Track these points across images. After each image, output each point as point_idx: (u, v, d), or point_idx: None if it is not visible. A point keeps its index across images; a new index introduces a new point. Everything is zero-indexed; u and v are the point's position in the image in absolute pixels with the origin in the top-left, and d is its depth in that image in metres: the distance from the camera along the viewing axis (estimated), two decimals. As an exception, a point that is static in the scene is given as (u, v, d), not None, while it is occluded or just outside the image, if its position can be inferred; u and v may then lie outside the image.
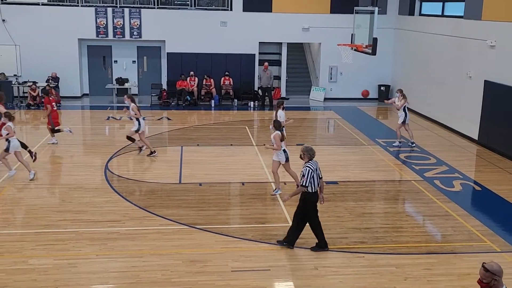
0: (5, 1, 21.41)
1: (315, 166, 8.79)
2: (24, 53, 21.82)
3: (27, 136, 17.35)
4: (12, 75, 21.61)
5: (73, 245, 8.89)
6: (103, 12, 22.03)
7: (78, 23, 21.89)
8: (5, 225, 9.74)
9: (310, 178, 8.60)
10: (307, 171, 8.63)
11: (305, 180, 8.60)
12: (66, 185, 12.03)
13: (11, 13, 21.46)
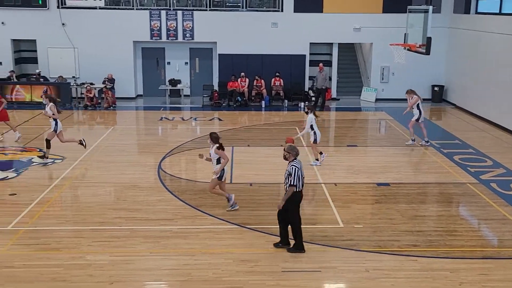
0: (64, 6, 22.21)
1: (300, 165, 8.76)
2: (82, 56, 22.58)
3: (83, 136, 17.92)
4: (71, 77, 22.40)
5: (128, 242, 9.14)
6: (157, 15, 22.52)
7: (133, 26, 22.47)
8: (63, 222, 10.11)
9: (296, 176, 8.57)
10: (293, 170, 8.60)
11: (293, 179, 8.57)
12: (120, 183, 12.36)
13: (71, 17, 22.25)
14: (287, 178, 8.67)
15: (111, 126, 18.63)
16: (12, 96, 21.45)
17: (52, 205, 10.98)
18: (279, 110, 21.86)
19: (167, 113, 20.97)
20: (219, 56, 22.99)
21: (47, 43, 22.39)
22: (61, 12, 22.12)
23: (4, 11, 21.97)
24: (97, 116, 20.43)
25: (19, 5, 21.90)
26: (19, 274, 7.99)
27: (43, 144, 15.85)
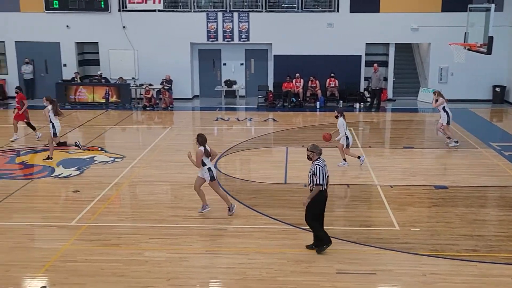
0: (125, 9, 22.90)
1: (324, 164, 8.72)
2: (141, 57, 23.22)
3: (142, 136, 18.47)
4: (131, 78, 23.08)
5: (184, 240, 9.36)
6: (214, 17, 22.86)
7: (190, 28, 22.90)
8: (122, 219, 10.45)
9: (321, 175, 8.53)
10: (318, 169, 8.56)
11: (318, 178, 8.53)
12: (177, 182, 12.63)
13: (131, 20, 22.93)
14: (312, 177, 8.63)
15: (168, 126, 19.07)
16: (76, 96, 22.31)
17: (112, 202, 11.37)
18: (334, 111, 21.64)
19: (223, 113, 21.25)
20: (274, 57, 23.09)
21: (109, 45, 23.16)
22: (122, 15, 22.83)
23: (69, 15, 22.87)
24: (155, 116, 20.96)
25: (83, 9, 22.75)
26: (81, 268, 8.33)
27: (103, 143, 16.45)
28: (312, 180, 8.63)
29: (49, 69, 23.57)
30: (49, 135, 14.50)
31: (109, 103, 22.19)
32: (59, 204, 11.41)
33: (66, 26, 22.98)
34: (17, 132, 16.87)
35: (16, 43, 23.29)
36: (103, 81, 22.80)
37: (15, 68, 23.51)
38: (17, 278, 8.07)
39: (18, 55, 23.37)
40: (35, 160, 14.39)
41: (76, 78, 22.77)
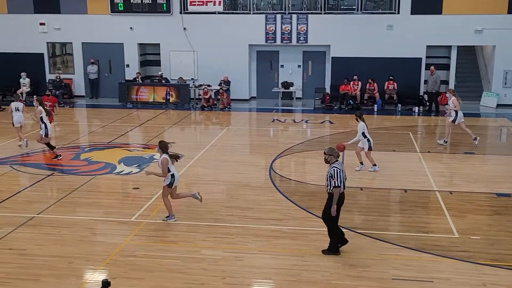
0: (186, 11, 23.39)
1: (341, 167, 8.76)
2: (200, 59, 23.64)
3: (200, 136, 18.81)
4: (190, 78, 23.55)
5: (240, 240, 9.49)
6: (273, 19, 22.99)
7: (249, 29, 23.13)
8: (180, 217, 10.67)
9: (339, 178, 8.56)
10: (335, 172, 8.60)
11: (336, 180, 8.56)
12: (233, 182, 12.81)
13: (191, 22, 23.39)
14: (329, 180, 8.67)
15: (225, 127, 19.34)
16: (137, 96, 22.97)
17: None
18: (392, 114, 21.38)
19: (279, 115, 21.33)
20: (332, 59, 22.97)
21: (170, 46, 23.72)
22: (183, 17, 23.33)
23: (133, 17, 23.59)
24: (213, 117, 21.29)
25: (146, 11, 23.41)
26: (140, 263, 8.60)
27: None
28: (330, 183, 8.67)
29: (112, 69, 24.41)
30: (39, 135, 14.69)
31: (169, 103, 22.72)
32: (120, 200, 11.79)
33: (130, 28, 23.70)
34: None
35: (83, 44, 24.23)
36: (164, 81, 23.36)
37: (81, 68, 24.47)
38: (79, 270, 8.43)
39: (84, 55, 24.31)
40: (99, 157, 14.92)
41: (138, 78, 23.44)
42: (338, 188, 8.61)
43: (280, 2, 23.66)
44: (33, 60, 24.22)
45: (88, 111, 22.92)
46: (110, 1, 23.47)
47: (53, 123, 15.58)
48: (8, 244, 9.22)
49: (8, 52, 24.16)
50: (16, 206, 11.02)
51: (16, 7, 24.04)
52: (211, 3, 23.29)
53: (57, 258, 8.72)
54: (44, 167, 13.94)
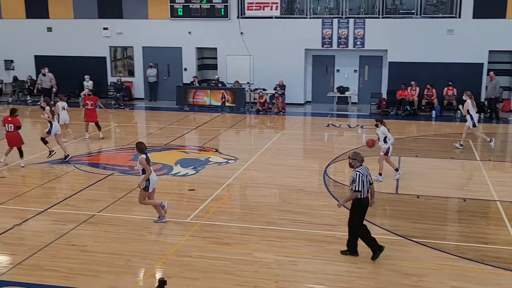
0: (244, 16, 23.64)
1: (365, 171, 8.77)
2: (256, 63, 23.82)
3: (254, 139, 18.95)
4: (246, 82, 23.77)
5: (293, 244, 9.50)
6: (329, 23, 22.89)
7: (305, 34, 23.11)
8: (234, 219, 10.82)
9: (360, 182, 8.58)
10: (357, 176, 8.66)
11: (356, 185, 8.62)
12: (286, 186, 12.83)
13: (248, 26, 23.62)
14: (352, 184, 8.73)
15: (280, 131, 19.41)
16: (194, 99, 23.39)
17: (225, 202, 11.82)
18: (451, 120, 20.82)
19: (334, 119, 21.20)
20: (389, 64, 22.63)
21: (226, 50, 24.03)
22: (240, 22, 23.58)
23: (191, 21, 24.06)
24: (268, 121, 21.41)
25: (204, 16, 23.82)
26: (195, 263, 8.76)
27: (217, 145, 17.08)
28: (352, 187, 8.76)
29: (171, 73, 24.96)
30: (43, 132, 15.32)
31: (225, 106, 23.01)
32: (176, 201, 12.02)
33: (188, 32, 24.16)
34: (88, 131, 17.81)
35: (143, 48, 24.92)
36: (220, 85, 23.69)
37: (141, 71, 25.16)
38: (136, 268, 8.68)
39: (144, 59, 24.98)
40: (156, 158, 15.28)
41: (195, 81, 23.86)
42: (357, 193, 8.65)
43: (337, 7, 23.55)
44: (96, 64, 25.12)
45: (146, 113, 23.53)
46: (170, 6, 24.02)
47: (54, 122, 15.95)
48: (71, 240, 9.61)
49: (74, 55, 25.14)
50: (78, 204, 11.46)
51: (82, 13, 25.00)
52: (268, 8, 23.45)
53: (116, 256, 9.02)
54: (104, 167, 14.41)
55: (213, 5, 23.64)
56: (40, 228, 10.28)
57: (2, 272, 8.45)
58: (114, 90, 24.28)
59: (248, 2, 23.56)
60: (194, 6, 23.82)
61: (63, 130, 16.70)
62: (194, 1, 23.76)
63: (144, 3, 24.39)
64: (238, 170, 14.01)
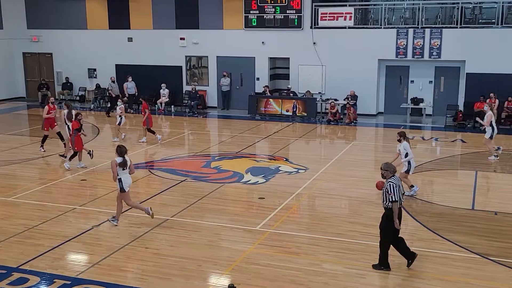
0: (317, 26, 23.67)
1: (398, 181, 8.75)
2: (328, 73, 23.74)
3: (325, 149, 18.88)
4: (317, 92, 23.75)
5: (362, 256, 9.39)
6: (404, 33, 22.47)
7: (379, 44, 22.82)
8: (303, 229, 10.83)
9: (397, 192, 8.53)
10: (391, 187, 8.61)
11: (393, 195, 8.55)
12: (357, 198, 12.70)
13: (321, 36, 23.62)
14: (385, 195, 8.67)
15: (351, 141, 19.22)
16: (265, 108, 23.62)
17: (294, 211, 11.86)
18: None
19: (407, 131, 20.68)
20: (467, 75, 21.88)
21: (299, 60, 24.12)
22: (313, 32, 23.63)
23: (265, 32, 24.36)
24: (339, 131, 21.26)
25: (278, 26, 24.06)
26: (263, 272, 8.85)
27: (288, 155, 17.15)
28: (386, 198, 8.65)
29: (243, 82, 25.35)
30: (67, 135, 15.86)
31: (296, 116, 23.08)
32: (246, 208, 12.22)
33: (262, 43, 24.48)
34: (146, 135, 18.54)
35: (217, 57, 25.48)
36: (291, 94, 23.79)
37: (214, 81, 25.73)
38: (206, 274, 8.88)
39: (218, 68, 25.53)
40: (228, 166, 15.58)
41: (266, 91, 24.10)
42: (396, 203, 8.58)
43: (412, 16, 23.09)
44: (172, 72, 25.95)
45: (219, 121, 24.01)
46: (245, 17, 24.45)
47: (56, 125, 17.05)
48: (145, 243, 9.98)
49: (152, 64, 26.12)
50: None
51: (160, 23, 25.95)
52: (341, 18, 23.35)
53: (187, 260, 9.27)
54: (178, 173, 14.84)
55: (286, 15, 23.84)
56: (116, 230, 10.75)
57: (81, 270, 8.91)
58: (188, 98, 24.96)
59: (321, 12, 23.57)
60: (268, 16, 24.13)
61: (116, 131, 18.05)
62: (268, 12, 24.07)
63: (219, 14, 24.98)
64: (308, 180, 14.02)
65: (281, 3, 23.84)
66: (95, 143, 18.66)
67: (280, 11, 23.91)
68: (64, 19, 27.44)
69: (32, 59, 28.85)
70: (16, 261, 9.22)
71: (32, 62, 28.89)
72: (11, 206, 12.08)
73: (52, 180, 14.09)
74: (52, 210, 11.75)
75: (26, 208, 11.98)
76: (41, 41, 28.17)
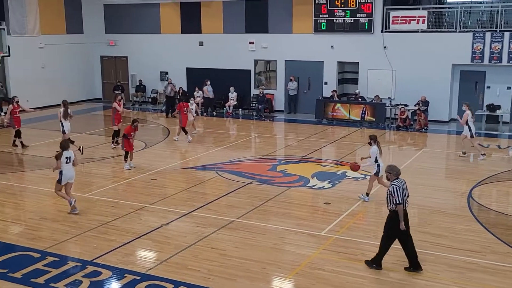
0: (388, 30, 23.24)
1: (402, 184, 8.81)
2: (399, 78, 23.24)
3: (393, 156, 18.47)
4: (386, 97, 23.30)
5: (431, 267, 9.12)
6: (481, 37, 21.63)
7: (453, 48, 22.07)
8: (369, 236, 10.65)
9: (400, 195, 8.61)
10: (394, 189, 8.68)
11: (397, 197, 8.63)
12: (426, 207, 12.33)
13: (392, 40, 23.17)
14: (389, 197, 8.75)
15: (421, 148, 18.71)
16: (333, 113, 23.42)
17: (360, 218, 11.70)
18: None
19: (482, 139, 19.92)
20: (549, 81, 20.79)
21: (368, 65, 23.76)
22: (384, 36, 23.22)
23: (334, 36, 24.17)
24: (408, 137, 20.75)
25: (347, 30, 23.82)
26: (328, 278, 8.79)
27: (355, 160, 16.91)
28: (390, 201, 8.75)
29: (311, 86, 25.27)
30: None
31: (364, 121, 22.75)
32: (311, 213, 12.17)
33: (331, 47, 24.32)
34: (179, 135, 19.26)
35: (286, 61, 25.54)
36: (360, 99, 23.47)
37: (282, 85, 25.80)
38: (270, 276, 8.93)
39: (286, 72, 25.59)
40: (293, 170, 15.58)
41: (334, 95, 23.90)
42: (401, 205, 8.64)
43: (490, 19, 22.19)
44: (241, 76, 26.25)
45: (286, 125, 24.05)
46: (314, 21, 24.38)
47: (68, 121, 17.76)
48: (211, 243, 10.16)
49: (222, 68, 26.55)
50: (219, 209, 12.07)
51: (231, 28, 26.33)
52: (414, 22, 22.80)
53: (252, 262, 9.36)
54: (244, 175, 15.00)
55: (357, 19, 23.56)
56: (184, 229, 11.01)
57: (150, 267, 9.20)
58: (256, 101, 25.17)
59: (393, 16, 23.12)
60: (338, 20, 23.94)
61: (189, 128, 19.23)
62: (338, 16, 23.88)
63: (289, 18, 25.03)
64: (376, 187, 13.76)
65: (352, 7, 23.59)
66: (164, 144, 19.22)
67: (350, 15, 23.66)
68: (139, 24, 28.43)
69: (109, 62, 30.09)
70: (90, 254, 9.65)
71: (109, 65, 30.13)
72: (87, 202, 12.65)
73: (125, 179, 14.63)
74: (124, 208, 12.20)
75: (100, 204, 12.52)
76: (117, 45, 29.33)
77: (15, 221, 11.56)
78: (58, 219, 11.51)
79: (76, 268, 9.12)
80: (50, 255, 9.62)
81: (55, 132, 19.34)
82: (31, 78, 26.27)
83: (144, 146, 18.47)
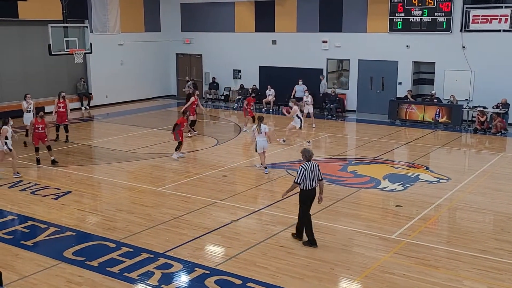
0: (467, 29, 22.37)
1: (310, 167, 9.86)
2: (478, 79, 22.33)
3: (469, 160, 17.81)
4: (464, 99, 22.46)
5: (509, 277, 8.74)
6: None
7: (539, 48, 20.97)
8: (442, 241, 10.34)
9: (302, 176, 9.73)
10: (299, 170, 9.82)
11: (296, 178, 9.85)
12: (505, 214, 11.84)
13: (471, 40, 22.29)
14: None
15: (499, 153, 17.90)
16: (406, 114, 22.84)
17: (433, 223, 11.37)
18: None
19: None
20: None
21: (445, 65, 22.98)
22: (462, 36, 22.38)
23: (410, 35, 23.56)
24: (486, 141, 19.92)
25: (424, 29, 23.13)
26: (398, 282, 8.61)
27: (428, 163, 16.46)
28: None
29: (385, 86, 24.77)
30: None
31: (439, 123, 22.04)
32: (382, 215, 11.95)
33: (406, 46, 23.73)
34: (247, 125, 20.62)
35: (359, 61, 25.18)
36: (435, 100, 22.75)
37: (355, 84, 25.45)
38: (338, 277, 8.86)
39: (359, 72, 25.22)
40: (364, 171, 15.36)
41: (409, 96, 23.30)
42: (296, 184, 9.86)
43: None
44: (312, 75, 26.11)
45: (357, 125, 23.71)
46: (390, 20, 23.87)
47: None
48: (280, 242, 10.21)
49: (293, 67, 26.56)
50: (288, 208, 12.09)
51: (304, 27, 26.23)
52: (496, 21, 21.81)
53: (320, 262, 9.32)
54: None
55: (434, 18, 22.84)
56: (253, 226, 11.13)
57: (220, 262, 9.37)
58: (328, 101, 24.96)
59: (473, 15, 22.23)
60: (414, 19, 23.31)
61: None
62: (415, 15, 23.25)
63: (364, 17, 24.65)
64: (450, 191, 13.34)
65: (429, 6, 22.90)
66: (234, 141, 19.48)
67: (428, 13, 22.97)
68: (214, 22, 28.94)
69: (184, 59, 30.83)
70: (162, 247, 9.96)
71: (184, 63, 30.88)
72: (160, 196, 13.06)
73: (197, 174, 14.96)
74: (195, 202, 12.50)
75: (173, 198, 12.89)
76: (192, 43, 29.99)
77: (93, 211, 12.12)
78: (133, 211, 11.96)
79: (148, 260, 9.44)
80: (124, 246, 10.01)
81: (132, 127, 20.04)
82: (110, 74, 27.42)
83: (216, 143, 18.82)
